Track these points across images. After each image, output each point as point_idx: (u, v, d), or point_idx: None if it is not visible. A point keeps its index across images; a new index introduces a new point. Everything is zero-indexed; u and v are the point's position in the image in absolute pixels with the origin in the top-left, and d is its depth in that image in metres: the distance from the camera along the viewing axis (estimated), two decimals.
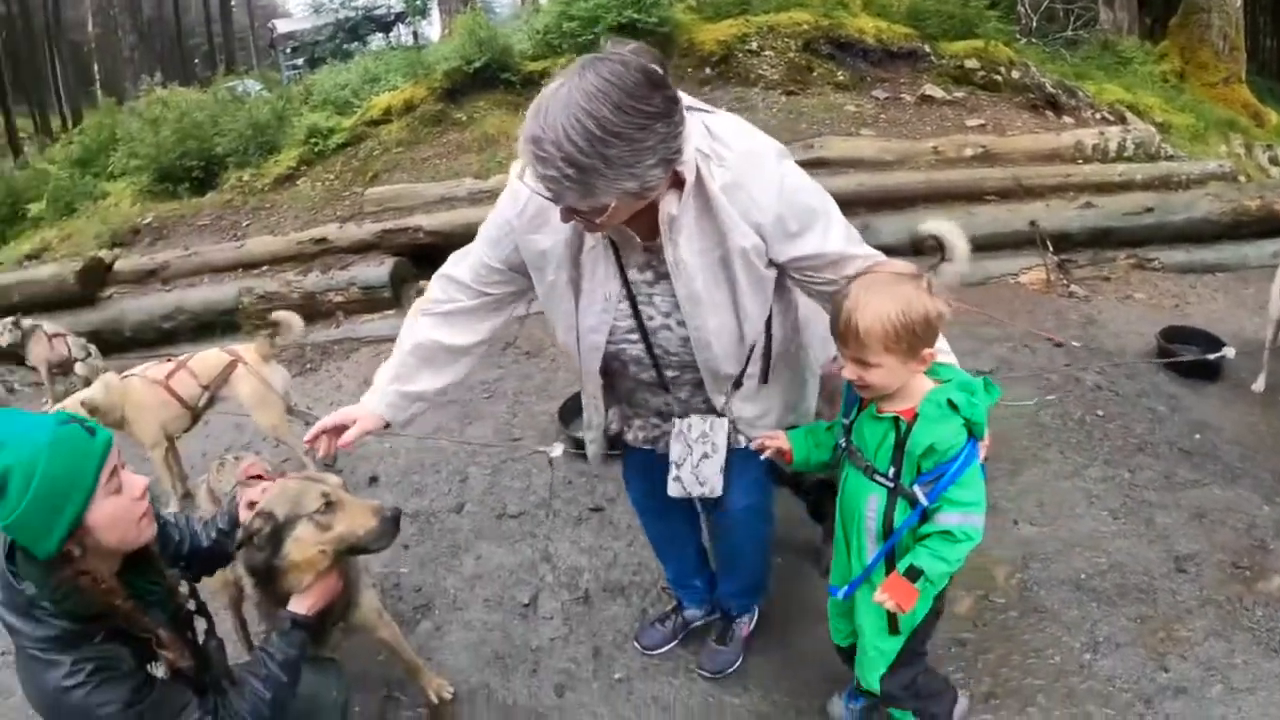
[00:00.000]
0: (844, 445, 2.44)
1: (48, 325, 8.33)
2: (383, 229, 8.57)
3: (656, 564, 3.75)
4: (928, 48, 10.43)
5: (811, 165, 8.05)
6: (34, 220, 13.19)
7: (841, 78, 10.07)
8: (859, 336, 2.11)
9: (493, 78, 10.28)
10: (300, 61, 24.74)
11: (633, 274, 2.32)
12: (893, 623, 2.45)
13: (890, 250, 2.39)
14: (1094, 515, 4.09)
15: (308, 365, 7.45)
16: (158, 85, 15.15)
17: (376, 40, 23.65)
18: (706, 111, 2.18)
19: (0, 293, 9.76)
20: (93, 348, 8.26)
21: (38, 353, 8.20)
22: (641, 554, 4.00)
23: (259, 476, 3.28)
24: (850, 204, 7.63)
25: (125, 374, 5.22)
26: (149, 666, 2.12)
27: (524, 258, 2.39)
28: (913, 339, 2.11)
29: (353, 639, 3.15)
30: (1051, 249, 7.34)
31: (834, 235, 2.22)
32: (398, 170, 9.62)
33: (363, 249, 8.56)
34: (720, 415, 2.62)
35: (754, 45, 10.45)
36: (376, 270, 8.25)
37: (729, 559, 3.31)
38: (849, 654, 2.77)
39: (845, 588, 2.50)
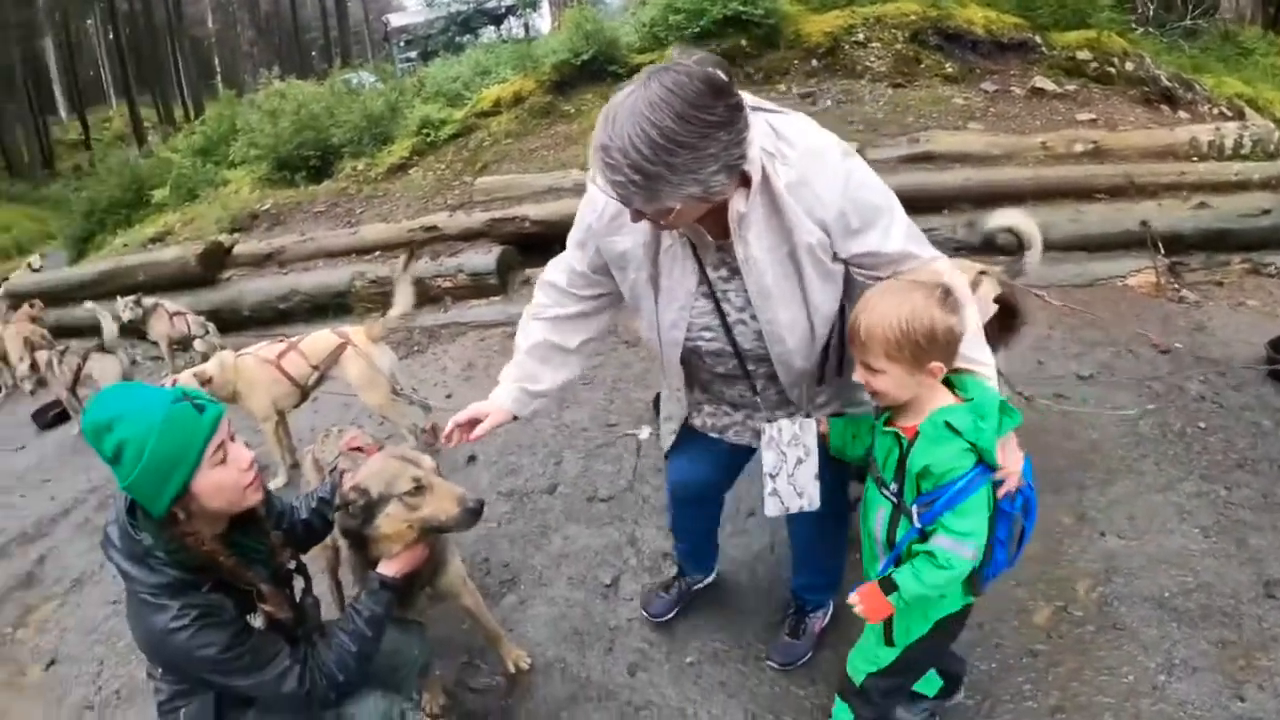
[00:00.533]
0: (869, 454, 2.45)
1: (169, 304, 8.79)
2: (491, 218, 8.81)
3: (734, 552, 3.85)
4: (1038, 38, 10.22)
5: (918, 160, 8.13)
6: (157, 205, 13.85)
7: (950, 70, 9.97)
8: (863, 339, 2.13)
9: (600, 70, 10.42)
10: (414, 54, 25.26)
11: (709, 271, 2.38)
12: (888, 634, 2.46)
13: (998, 249, 2.38)
14: (1184, 532, 3.91)
15: (415, 348, 7.70)
16: (276, 78, 15.64)
17: (488, 33, 23.90)
18: (774, 111, 2.22)
19: (126, 273, 10.39)
20: (211, 326, 8.72)
21: (159, 329, 8.67)
22: (725, 543, 4.00)
23: (359, 449, 3.49)
24: (956, 200, 7.67)
25: (240, 352, 5.52)
26: (248, 617, 2.33)
27: (606, 259, 2.50)
28: (916, 349, 2.08)
29: (439, 605, 3.31)
30: (1162, 251, 7.02)
31: (895, 234, 2.23)
32: (506, 161, 9.85)
33: (471, 237, 8.83)
34: (808, 416, 2.65)
35: (861, 36, 10.41)
36: (484, 258, 8.47)
37: (805, 555, 3.33)
38: None
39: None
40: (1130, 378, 5.29)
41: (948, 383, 2.24)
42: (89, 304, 7.92)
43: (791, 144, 2.15)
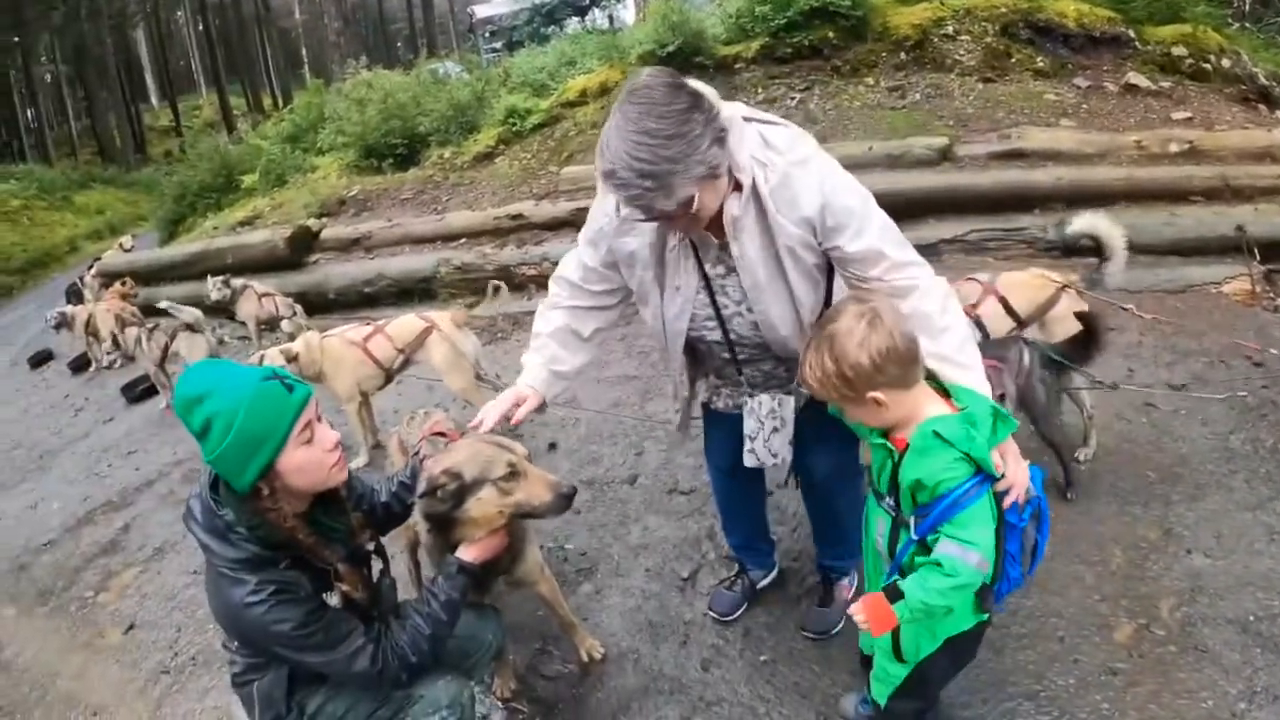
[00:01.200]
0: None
1: (258, 285, 9.02)
2: (577, 207, 8.82)
3: (814, 550, 3.79)
4: (1131, 33, 9.92)
5: (1008, 157, 8.01)
6: (247, 190, 14.16)
7: (1041, 64, 9.73)
8: (809, 388, 2.26)
9: (686, 62, 10.35)
10: (498, 45, 25.51)
11: (709, 268, 2.62)
12: (896, 649, 2.47)
13: (1083, 252, 2.35)
14: (1273, 554, 3.74)
15: (498, 334, 7.82)
16: (363, 68, 15.86)
17: (572, 24, 23.99)
18: (766, 123, 2.41)
19: (215, 255, 10.72)
20: (298, 307, 8.98)
21: (247, 309, 8.95)
22: (804, 542, 4.03)
23: (442, 434, 3.56)
24: (1047, 199, 7.55)
25: (326, 334, 5.67)
26: (324, 595, 2.39)
27: (616, 258, 2.73)
28: (840, 391, 2.16)
29: (515, 592, 3.38)
30: (1259, 257, 6.79)
31: (868, 235, 2.36)
32: (592, 151, 9.70)
33: (556, 226, 8.92)
34: (789, 393, 2.91)
35: (950, 29, 10.22)
36: (569, 247, 8.38)
37: (822, 525, 3.49)
38: (868, 663, 2.78)
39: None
40: (1223, 389, 5.09)
41: (944, 390, 2.27)
42: (165, 303, 8.11)
43: (779, 152, 2.34)
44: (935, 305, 2.34)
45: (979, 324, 4.11)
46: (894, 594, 2.19)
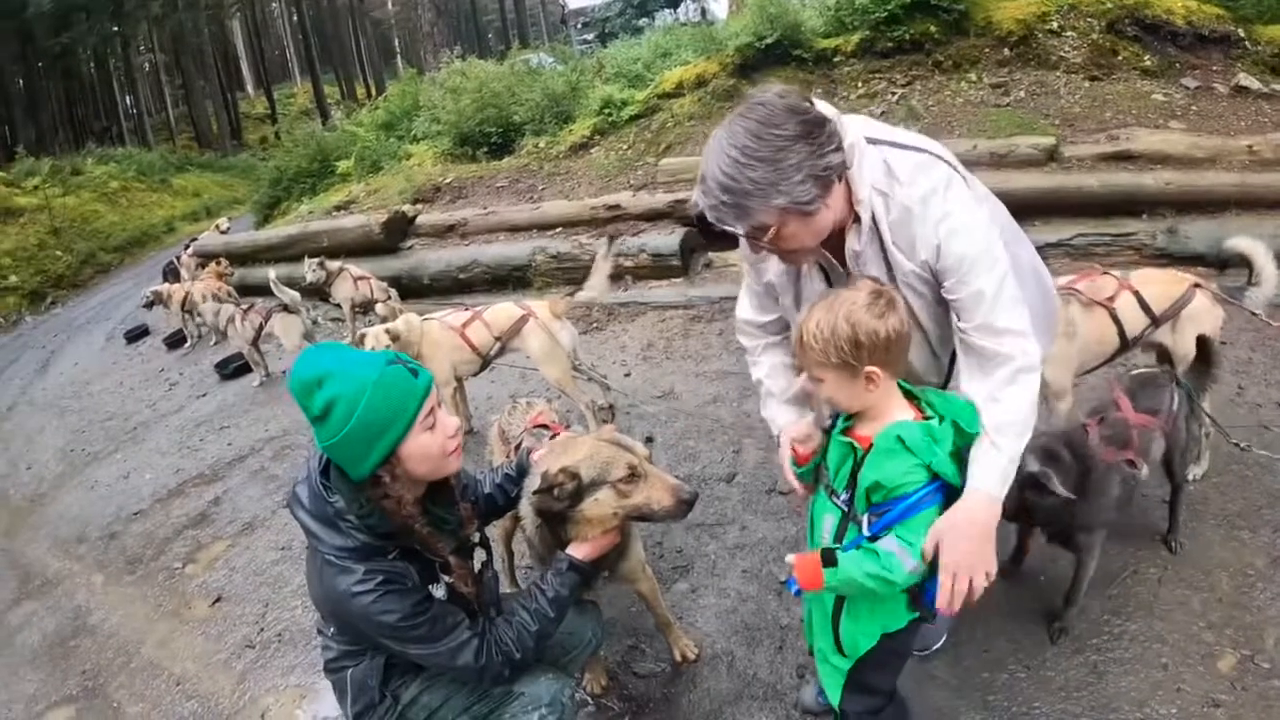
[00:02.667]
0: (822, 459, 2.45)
1: (354, 268, 9.15)
2: (674, 199, 8.77)
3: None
4: (1241, 32, 9.47)
5: (1116, 159, 7.75)
6: (342, 176, 14.35)
7: (1148, 62, 9.32)
8: (799, 350, 2.23)
9: (784, 54, 10.26)
10: (590, 36, 25.66)
11: None
12: (837, 640, 2.44)
13: (1198, 260, 2.22)
14: None
15: (594, 325, 7.77)
16: (457, 57, 15.96)
17: (663, 16, 24.00)
18: (896, 146, 2.27)
19: (310, 238, 10.93)
20: (393, 291, 9.05)
21: (343, 291, 9.09)
22: None
23: (544, 425, 3.49)
24: (1156, 204, 7.28)
25: (425, 317, 5.66)
26: (430, 587, 2.32)
27: (764, 283, 2.64)
28: (841, 354, 2.11)
29: (608, 586, 3.26)
30: None
31: (973, 284, 2.22)
32: (689, 143, 9.81)
33: (654, 217, 8.80)
34: None
35: (1055, 25, 9.86)
36: (667, 239, 8.48)
37: None
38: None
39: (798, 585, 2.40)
40: None
41: (912, 396, 2.28)
42: (271, 276, 8.28)
43: (901, 183, 2.21)
44: (1008, 385, 2.23)
45: (1114, 317, 3.96)
46: (829, 559, 2.20)
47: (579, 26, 28.06)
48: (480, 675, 2.37)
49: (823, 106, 2.16)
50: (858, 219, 2.25)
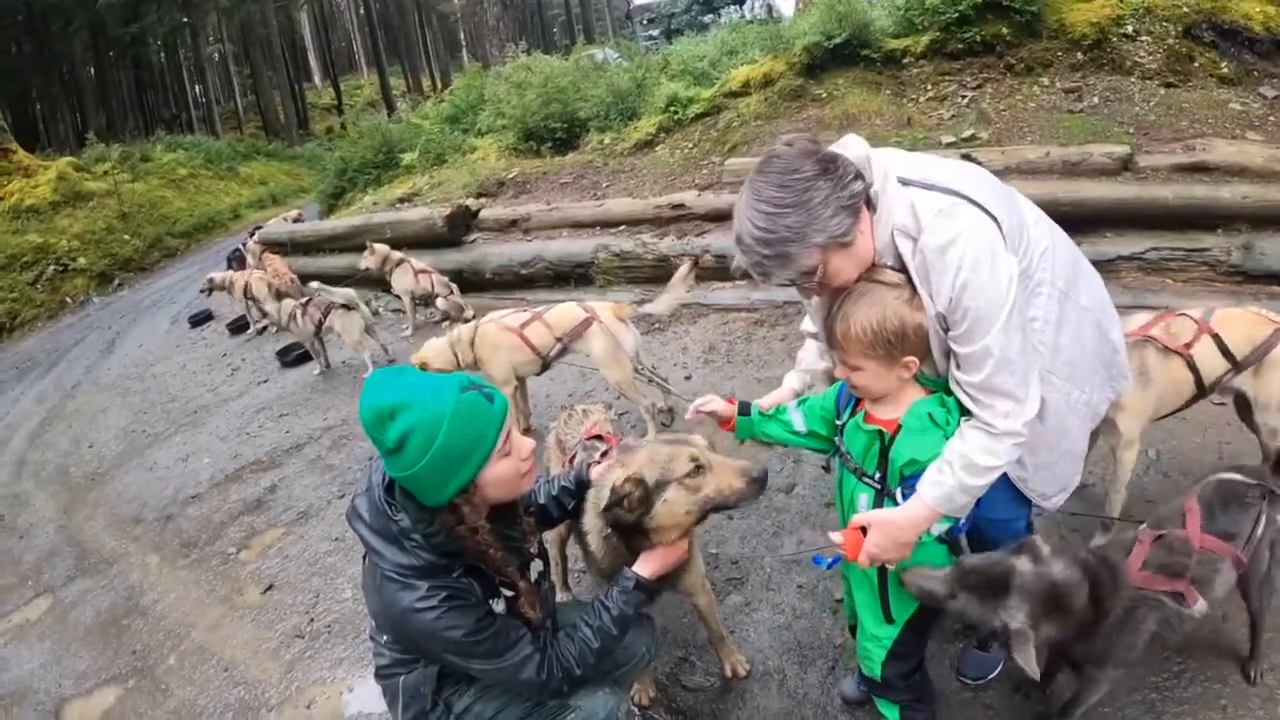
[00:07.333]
0: (838, 446, 2.54)
1: (415, 260, 9.15)
2: None
3: None
4: None
5: (1191, 170, 7.47)
6: (406, 168, 14.42)
7: (1225, 70, 8.94)
8: (841, 342, 2.28)
9: (853, 54, 10.09)
10: (656, 33, 25.64)
11: None
12: (886, 612, 2.53)
13: (1274, 278, 2.08)
14: None
15: (655, 326, 7.64)
16: (523, 52, 15.96)
17: (729, 12, 23.92)
18: (926, 186, 2.26)
19: (374, 229, 11.09)
20: (454, 286, 9.04)
21: (404, 283, 9.13)
22: None
23: (599, 437, 3.43)
24: (1231, 219, 6.99)
25: (484, 319, 5.65)
26: (490, 602, 2.26)
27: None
28: (888, 347, 2.23)
29: (665, 596, 3.17)
30: None
31: (977, 341, 2.21)
32: (756, 142, 9.66)
33: (719, 218, 8.59)
34: None
35: (1130, 29, 9.47)
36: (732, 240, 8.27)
37: None
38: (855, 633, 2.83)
39: (830, 559, 2.60)
40: None
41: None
42: (314, 284, 8.38)
43: (922, 229, 2.21)
44: (982, 436, 2.24)
45: (1191, 365, 3.69)
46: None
47: (644, 22, 28.09)
48: (541, 690, 2.34)
49: (855, 142, 2.29)
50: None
